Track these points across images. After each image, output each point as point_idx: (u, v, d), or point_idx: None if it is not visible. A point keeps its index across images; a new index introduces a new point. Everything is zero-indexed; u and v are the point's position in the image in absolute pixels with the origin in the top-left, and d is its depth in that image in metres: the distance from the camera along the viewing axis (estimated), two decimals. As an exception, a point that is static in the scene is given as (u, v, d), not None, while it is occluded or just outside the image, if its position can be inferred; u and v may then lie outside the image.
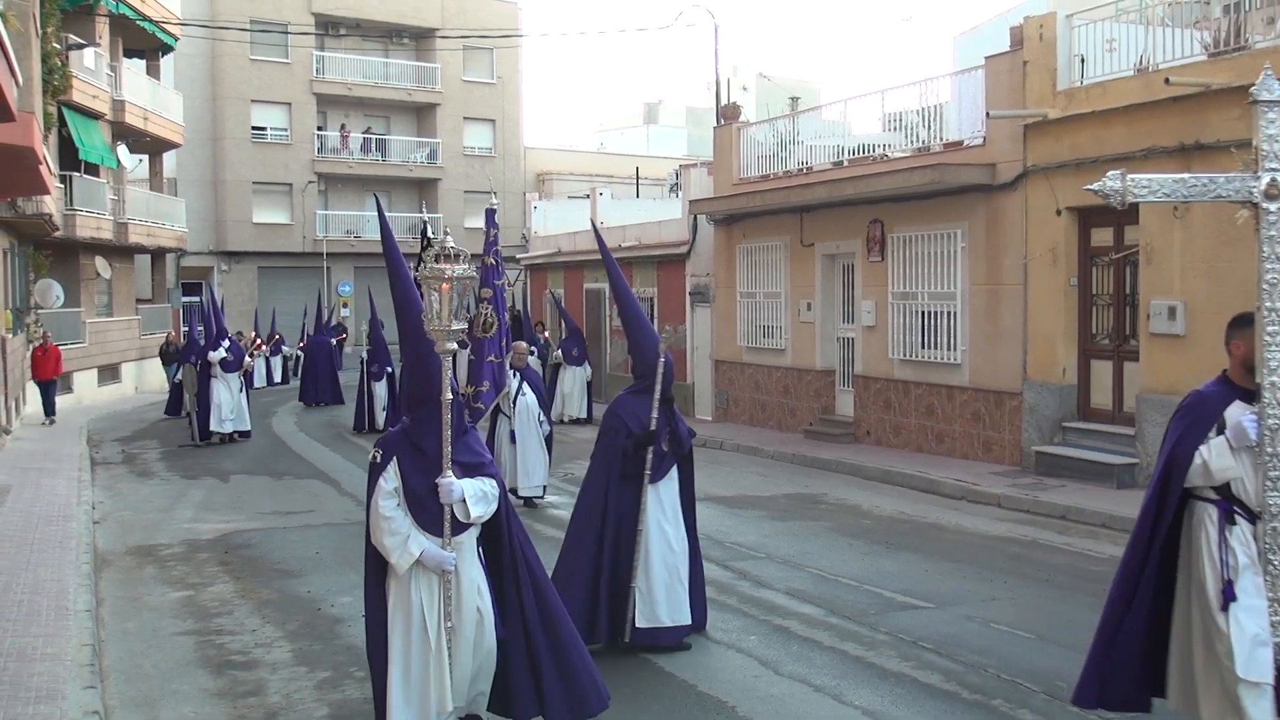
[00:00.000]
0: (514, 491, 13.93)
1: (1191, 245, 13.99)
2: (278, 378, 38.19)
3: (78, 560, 11.27)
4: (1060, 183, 15.82)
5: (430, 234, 17.16)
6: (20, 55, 13.03)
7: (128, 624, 9.50)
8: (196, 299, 37.75)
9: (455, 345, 5.97)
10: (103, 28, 31.24)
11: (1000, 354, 16.98)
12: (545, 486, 15.06)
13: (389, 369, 23.59)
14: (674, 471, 8.56)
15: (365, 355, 24.54)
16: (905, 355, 18.84)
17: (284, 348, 39.10)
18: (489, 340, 14.26)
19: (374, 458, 6.15)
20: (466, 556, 6.18)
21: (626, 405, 8.52)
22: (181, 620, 9.57)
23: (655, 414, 8.35)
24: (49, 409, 25.08)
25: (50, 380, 25.11)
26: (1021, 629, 8.88)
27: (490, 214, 14.91)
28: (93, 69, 29.79)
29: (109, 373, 32.67)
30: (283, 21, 46.39)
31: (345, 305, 49.08)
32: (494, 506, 6.19)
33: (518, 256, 34.88)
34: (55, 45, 25.16)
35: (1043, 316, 16.32)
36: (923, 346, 18.54)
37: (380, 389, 23.89)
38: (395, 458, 6.10)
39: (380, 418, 23.58)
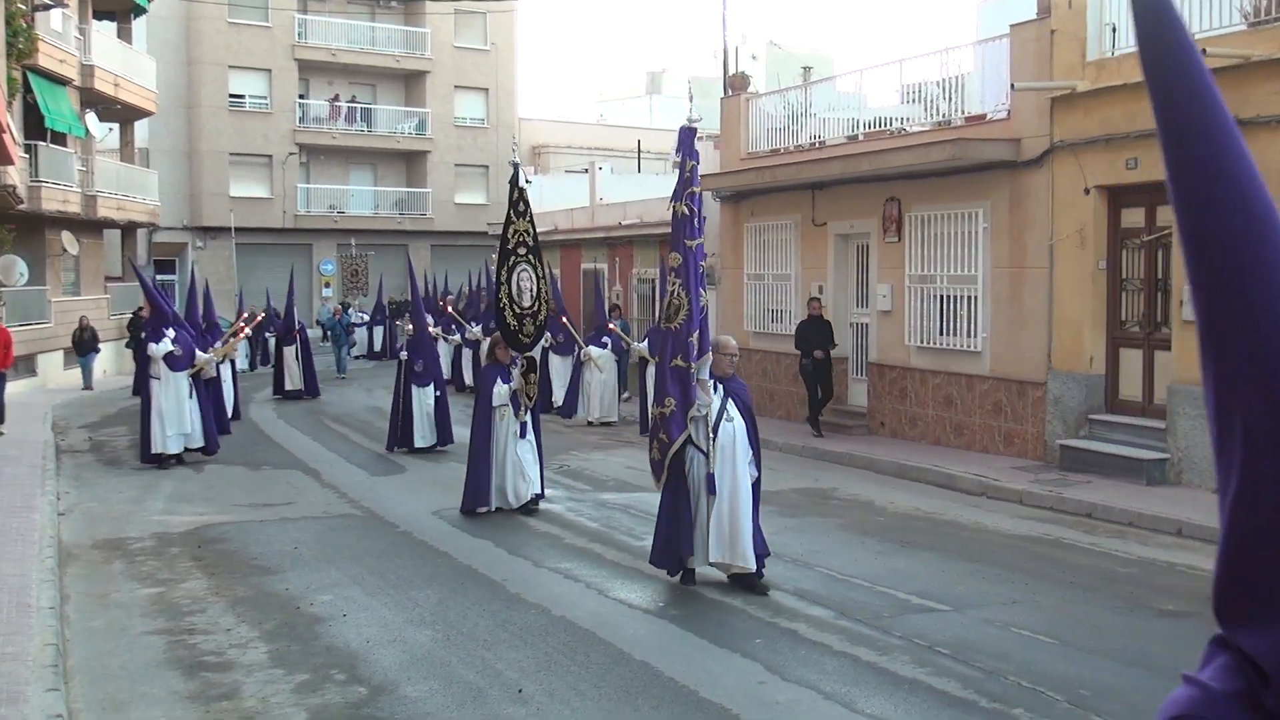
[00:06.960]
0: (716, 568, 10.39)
1: (1228, 227, 13.93)
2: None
3: (41, 554, 11.26)
4: (1089, 160, 15.78)
5: (525, 180, 14.36)
6: (-18, 16, 12.99)
7: (94, 622, 9.50)
8: (171, 276, 37.18)
9: None
10: (71, -13, 31.23)
11: (1023, 341, 16.96)
12: (764, 573, 10.22)
13: (439, 373, 19.85)
14: None
15: (404, 350, 19.67)
16: (923, 342, 18.81)
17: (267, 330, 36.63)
18: (673, 333, 10.37)
19: None
20: None
21: None
22: (151, 619, 9.57)
23: None
24: None
25: None
26: (1043, 634, 8.87)
27: (689, 134, 10.98)
28: (60, 32, 29.76)
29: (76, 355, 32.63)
30: (263, -18, 46.35)
31: (328, 285, 49.03)
32: None
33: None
34: (20, 6, 25.19)
35: (1069, 302, 16.29)
36: (941, 333, 18.51)
37: (424, 398, 18.96)
38: None
39: (419, 436, 18.87)
